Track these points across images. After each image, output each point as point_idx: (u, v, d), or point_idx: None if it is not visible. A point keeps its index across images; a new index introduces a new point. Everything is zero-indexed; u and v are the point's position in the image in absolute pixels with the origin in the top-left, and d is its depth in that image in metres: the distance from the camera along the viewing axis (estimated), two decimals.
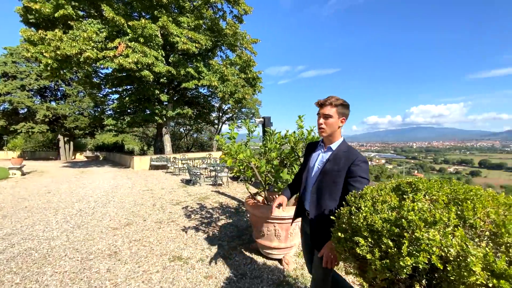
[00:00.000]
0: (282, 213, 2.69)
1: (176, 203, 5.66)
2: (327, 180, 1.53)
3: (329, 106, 1.50)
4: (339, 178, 1.49)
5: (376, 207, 1.19)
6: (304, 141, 2.84)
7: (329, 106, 1.50)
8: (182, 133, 28.50)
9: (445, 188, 1.17)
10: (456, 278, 0.84)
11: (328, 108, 1.51)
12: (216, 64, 12.00)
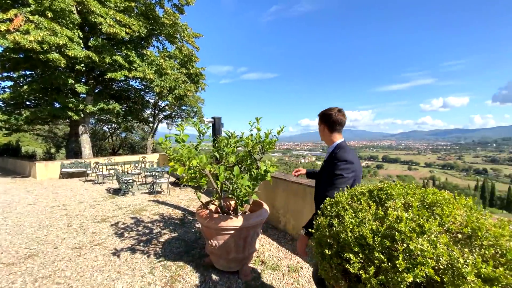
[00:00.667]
0: (240, 221, 2.50)
1: (101, 220, 4.64)
2: (320, 179, 1.79)
3: (318, 118, 1.85)
4: (325, 176, 1.69)
5: (360, 217, 1.15)
6: (262, 144, 2.73)
7: (318, 118, 1.85)
8: (106, 133, 24.34)
9: (416, 193, 1.24)
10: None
11: (318, 120, 1.85)
12: (152, 55, 10.67)
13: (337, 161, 1.60)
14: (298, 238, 1.69)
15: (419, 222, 0.98)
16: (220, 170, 2.19)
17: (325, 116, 1.76)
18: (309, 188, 3.43)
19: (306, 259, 3.11)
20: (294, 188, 3.71)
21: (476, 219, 1.00)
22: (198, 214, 2.71)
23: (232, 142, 2.58)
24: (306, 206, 3.50)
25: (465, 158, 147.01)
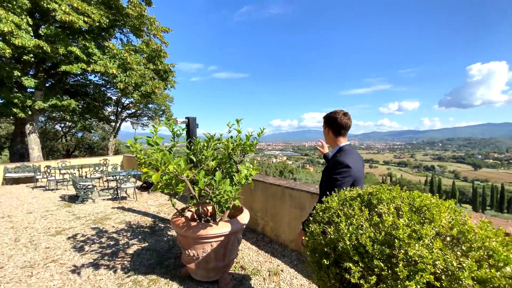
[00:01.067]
0: (221, 228, 2.37)
1: (56, 233, 4.06)
2: (322, 179, 1.80)
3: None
4: (325, 176, 1.75)
5: (355, 223, 1.13)
6: (242, 146, 2.63)
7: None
8: (59, 132, 21.72)
9: (403, 197, 1.26)
10: None
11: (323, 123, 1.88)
12: (115, 48, 9.77)
13: (335, 164, 1.63)
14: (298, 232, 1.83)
15: (414, 228, 0.99)
16: (200, 175, 2.04)
17: (330, 120, 1.76)
18: (288, 190, 3.43)
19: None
20: (273, 190, 3.68)
21: (463, 222, 1.05)
22: (173, 223, 2.50)
23: (212, 145, 2.43)
24: (285, 207, 3.50)
25: (416, 156, 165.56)
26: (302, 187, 3.31)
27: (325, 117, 1.82)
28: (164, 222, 4.55)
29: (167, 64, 12.28)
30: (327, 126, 1.80)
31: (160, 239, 3.74)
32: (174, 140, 2.77)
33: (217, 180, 2.00)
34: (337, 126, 1.74)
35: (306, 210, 3.19)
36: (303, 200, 3.24)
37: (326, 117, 1.81)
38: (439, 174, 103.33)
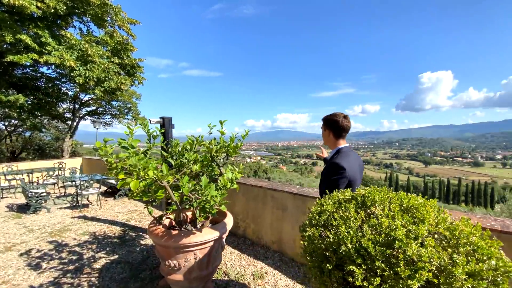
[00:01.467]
0: (205, 235, 2.25)
1: (5, 249, 3.48)
2: (321, 180, 1.81)
3: (322, 122, 1.92)
4: (323, 178, 1.77)
5: (352, 226, 1.14)
6: (226, 149, 2.54)
7: (322, 122, 1.92)
8: (2, 131, 18.88)
9: (392, 197, 1.32)
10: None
11: (322, 125, 1.91)
12: (73, 38, 8.79)
13: (331, 166, 1.67)
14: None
15: (409, 228, 1.03)
16: (184, 180, 1.90)
17: (331, 122, 1.79)
18: (270, 191, 3.43)
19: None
20: (255, 192, 3.65)
21: (448, 220, 1.13)
22: (151, 232, 2.31)
23: (195, 148, 2.30)
24: (267, 209, 3.49)
25: (377, 155, 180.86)
26: (284, 188, 3.34)
27: (326, 120, 1.83)
28: (136, 231, 4.21)
29: (135, 58, 11.46)
30: (328, 128, 1.82)
31: (132, 250, 3.45)
32: (150, 142, 2.57)
33: (203, 185, 1.89)
34: (338, 129, 1.77)
35: (288, 211, 3.23)
36: (285, 201, 3.26)
37: (326, 119, 1.82)
38: (396, 171, 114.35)
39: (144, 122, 2.54)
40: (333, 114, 1.82)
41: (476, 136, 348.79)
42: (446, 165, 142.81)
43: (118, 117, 18.84)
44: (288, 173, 62.85)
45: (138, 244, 3.65)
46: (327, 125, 1.83)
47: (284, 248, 3.31)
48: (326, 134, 1.86)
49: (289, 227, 3.23)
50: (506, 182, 79.91)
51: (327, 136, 1.86)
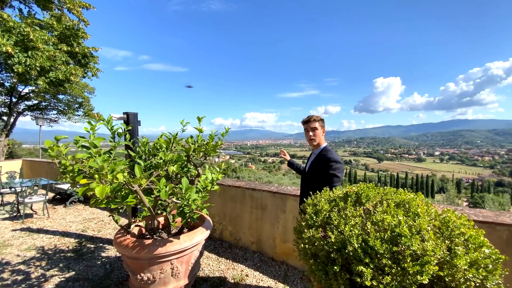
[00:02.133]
0: (183, 243, 2.05)
1: None
2: (311, 178, 1.92)
3: (313, 121, 2.00)
4: (319, 176, 1.82)
5: (358, 224, 1.11)
6: (205, 148, 2.35)
7: (313, 121, 2.00)
8: None
9: (382, 192, 1.33)
10: (449, 280, 0.92)
11: (313, 123, 2.00)
12: (12, 20, 7.42)
13: (330, 162, 1.77)
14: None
15: (410, 223, 1.03)
16: (161, 184, 1.68)
17: (323, 122, 2.02)
18: (249, 191, 3.33)
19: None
20: (232, 192, 3.50)
21: (439, 213, 1.17)
22: (119, 244, 2.02)
23: (172, 147, 2.07)
24: (246, 209, 3.38)
25: (338, 152, 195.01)
26: (263, 187, 3.27)
27: (320, 119, 2.01)
28: (94, 242, 3.71)
29: (88, 47, 10.20)
30: (323, 125, 2.03)
31: (92, 264, 3.01)
32: (114, 141, 2.26)
33: (184, 187, 1.69)
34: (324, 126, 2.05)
35: (268, 210, 3.17)
36: (264, 200, 3.19)
37: (320, 118, 2.02)
38: (355, 167, 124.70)
39: (108, 118, 2.22)
40: (316, 115, 2.03)
41: (419, 135, 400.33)
42: (395, 161, 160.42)
43: (66, 113, 16.65)
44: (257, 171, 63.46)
45: (98, 257, 3.21)
46: (322, 124, 2.03)
47: (264, 247, 3.24)
48: (320, 133, 2.02)
49: (268, 226, 3.17)
50: (443, 175, 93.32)
51: (321, 135, 2.02)
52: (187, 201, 1.70)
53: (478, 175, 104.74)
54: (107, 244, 3.64)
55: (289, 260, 3.02)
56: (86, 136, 1.86)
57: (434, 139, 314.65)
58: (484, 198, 25.55)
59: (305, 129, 2.07)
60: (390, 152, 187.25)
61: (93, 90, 18.05)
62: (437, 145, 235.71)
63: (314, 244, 1.13)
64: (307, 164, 2.11)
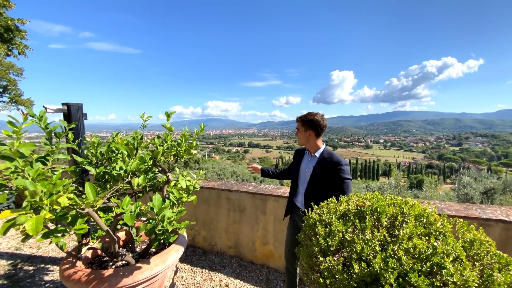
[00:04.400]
0: (155, 267, 1.69)
1: None
2: (316, 183, 1.80)
3: (297, 122, 1.92)
4: (326, 180, 1.75)
5: (389, 253, 0.95)
6: (176, 150, 1.97)
7: (297, 122, 1.92)
8: None
9: (403, 205, 1.21)
10: None
11: (297, 124, 1.92)
12: None
13: (339, 165, 1.70)
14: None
15: (444, 248, 0.91)
16: (124, 203, 1.28)
17: (313, 122, 1.80)
18: (225, 192, 3.04)
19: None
20: (205, 194, 3.17)
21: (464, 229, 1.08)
22: (67, 278, 1.55)
23: (136, 152, 1.64)
24: (222, 212, 3.10)
25: None
26: (241, 187, 3.02)
27: (307, 121, 1.82)
28: (34, 262, 3.01)
29: (12, 18, 8.20)
30: (310, 128, 1.82)
31: None
32: (50, 143, 1.72)
33: (157, 207, 1.32)
34: (320, 128, 1.82)
35: (247, 212, 2.95)
36: (243, 202, 2.95)
37: (306, 119, 1.82)
38: None
39: (42, 112, 1.65)
40: (311, 114, 1.83)
41: (367, 125, 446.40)
42: (348, 148, 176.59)
43: None
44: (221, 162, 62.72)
45: (41, 282, 2.58)
46: (308, 126, 1.83)
47: (242, 251, 3.04)
48: (306, 135, 1.85)
49: (248, 228, 2.97)
50: (386, 160, 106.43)
51: (307, 136, 1.85)
52: (161, 224, 1.34)
53: (413, 159, 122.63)
54: (50, 264, 2.99)
55: (269, 263, 2.89)
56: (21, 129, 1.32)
57: (379, 128, 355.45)
58: (418, 178, 29.86)
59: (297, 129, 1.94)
60: (343, 140, 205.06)
61: (21, 72, 14.97)
62: (382, 134, 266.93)
63: (334, 277, 0.94)
64: (302, 168, 1.95)
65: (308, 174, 1.86)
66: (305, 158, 1.96)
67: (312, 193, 1.81)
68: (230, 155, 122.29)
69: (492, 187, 10.09)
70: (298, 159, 2.02)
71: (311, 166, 1.86)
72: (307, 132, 1.83)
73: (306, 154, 1.97)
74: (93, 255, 2.03)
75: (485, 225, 2.05)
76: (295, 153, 2.12)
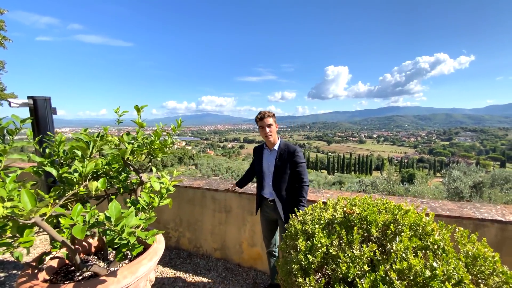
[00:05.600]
0: (123, 280, 1.51)
1: None
2: (280, 174, 1.99)
3: (268, 117, 2.01)
4: (287, 169, 1.96)
5: (380, 274, 0.80)
6: (149, 148, 1.78)
7: (268, 117, 2.01)
8: None
9: (396, 212, 1.06)
10: None
11: (268, 119, 2.01)
12: None
13: (296, 152, 1.95)
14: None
15: (445, 268, 0.76)
16: (74, 213, 1.09)
17: (275, 117, 2.05)
18: (210, 192, 2.87)
19: None
20: (189, 194, 2.99)
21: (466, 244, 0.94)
22: None
23: (93, 151, 1.44)
24: (207, 213, 2.93)
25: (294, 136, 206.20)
26: (227, 186, 2.85)
27: (273, 114, 2.03)
28: (5, 268, 2.79)
29: None
30: (275, 120, 2.06)
31: None
32: (3, 141, 1.52)
33: (114, 215, 1.13)
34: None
35: (233, 212, 2.79)
36: (229, 202, 2.79)
37: (273, 114, 2.03)
38: (308, 150, 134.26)
39: None
40: (270, 111, 2.05)
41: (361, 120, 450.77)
42: (342, 143, 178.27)
43: None
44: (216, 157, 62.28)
45: None
46: (275, 118, 2.05)
47: (228, 254, 2.89)
48: (275, 128, 2.05)
49: (234, 230, 2.82)
50: (379, 155, 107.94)
51: (275, 130, 2.06)
52: (118, 237, 1.16)
53: (405, 153, 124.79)
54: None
55: (257, 265, 2.75)
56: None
57: (373, 124, 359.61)
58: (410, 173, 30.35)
59: (261, 126, 2.04)
60: (337, 135, 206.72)
61: (3, 65, 14.29)
62: (375, 129, 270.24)
63: None
64: (264, 163, 2.12)
65: (271, 167, 2.03)
66: (265, 154, 2.13)
67: (278, 182, 1.99)
68: (225, 151, 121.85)
69: (481, 181, 10.22)
70: (259, 156, 2.18)
71: (272, 159, 2.04)
72: (276, 125, 2.06)
73: (265, 149, 2.14)
74: (60, 264, 1.84)
75: (480, 226, 1.95)
76: (254, 151, 2.28)
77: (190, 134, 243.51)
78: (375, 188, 11.60)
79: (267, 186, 2.09)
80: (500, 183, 10.38)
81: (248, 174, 2.46)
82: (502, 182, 10.44)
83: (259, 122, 2.04)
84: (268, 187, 2.07)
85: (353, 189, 14.04)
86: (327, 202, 1.20)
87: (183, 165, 55.32)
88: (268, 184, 2.07)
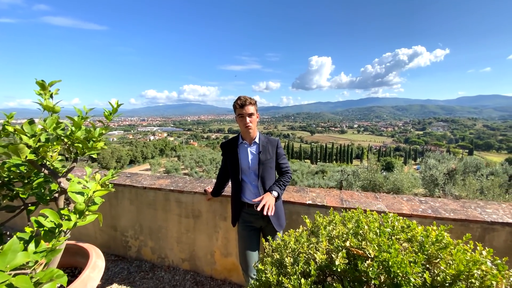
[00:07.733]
0: None
1: None
2: (266, 169, 1.73)
3: (249, 105, 1.64)
4: (273, 162, 1.76)
5: None
6: (71, 141, 1.24)
7: (249, 105, 1.64)
8: None
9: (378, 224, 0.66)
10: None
11: (249, 108, 1.65)
12: None
13: (279, 144, 1.80)
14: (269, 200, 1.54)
15: None
16: None
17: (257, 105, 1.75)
18: (174, 193, 2.38)
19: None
20: (150, 196, 2.48)
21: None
22: None
23: None
24: (172, 218, 2.45)
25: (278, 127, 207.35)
26: (195, 187, 2.37)
27: (255, 102, 1.69)
28: None
29: None
30: (257, 109, 1.74)
31: None
32: None
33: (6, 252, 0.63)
34: None
35: (203, 217, 2.34)
36: (197, 206, 2.33)
37: (255, 101, 1.69)
38: (292, 140, 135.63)
39: None
40: (249, 97, 1.72)
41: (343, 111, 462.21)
42: (324, 133, 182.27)
43: None
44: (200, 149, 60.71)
45: None
46: (257, 107, 1.73)
47: (199, 265, 2.46)
48: (256, 118, 1.74)
49: (204, 238, 2.38)
50: (359, 144, 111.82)
51: (256, 120, 1.73)
52: None
53: (383, 142, 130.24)
54: None
55: (232, 277, 2.35)
56: None
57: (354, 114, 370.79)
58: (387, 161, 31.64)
59: (240, 115, 1.65)
60: (320, 125, 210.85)
61: None
62: (356, 119, 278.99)
63: None
64: (243, 160, 1.72)
65: (255, 163, 1.70)
66: (242, 149, 1.75)
67: (265, 179, 1.72)
68: (209, 142, 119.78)
69: (454, 168, 10.61)
70: (233, 153, 1.75)
71: (254, 153, 1.72)
72: (257, 115, 1.73)
73: (242, 144, 1.76)
74: None
75: (489, 230, 1.66)
76: (224, 148, 1.82)
77: (172, 124, 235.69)
78: (356, 177, 11.71)
79: (250, 187, 1.72)
80: (472, 170, 10.86)
81: (221, 179, 1.96)
82: (473, 169, 10.92)
83: (238, 109, 1.64)
84: (252, 188, 1.72)
85: (335, 178, 14.15)
86: (317, 224, 0.77)
87: (164, 157, 53.13)
88: (252, 184, 1.72)
